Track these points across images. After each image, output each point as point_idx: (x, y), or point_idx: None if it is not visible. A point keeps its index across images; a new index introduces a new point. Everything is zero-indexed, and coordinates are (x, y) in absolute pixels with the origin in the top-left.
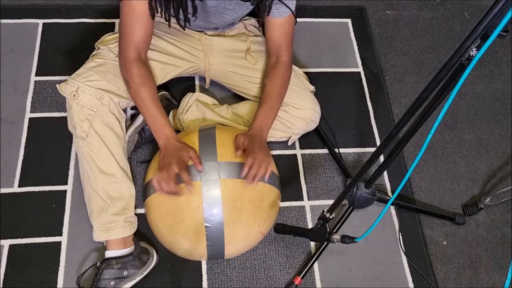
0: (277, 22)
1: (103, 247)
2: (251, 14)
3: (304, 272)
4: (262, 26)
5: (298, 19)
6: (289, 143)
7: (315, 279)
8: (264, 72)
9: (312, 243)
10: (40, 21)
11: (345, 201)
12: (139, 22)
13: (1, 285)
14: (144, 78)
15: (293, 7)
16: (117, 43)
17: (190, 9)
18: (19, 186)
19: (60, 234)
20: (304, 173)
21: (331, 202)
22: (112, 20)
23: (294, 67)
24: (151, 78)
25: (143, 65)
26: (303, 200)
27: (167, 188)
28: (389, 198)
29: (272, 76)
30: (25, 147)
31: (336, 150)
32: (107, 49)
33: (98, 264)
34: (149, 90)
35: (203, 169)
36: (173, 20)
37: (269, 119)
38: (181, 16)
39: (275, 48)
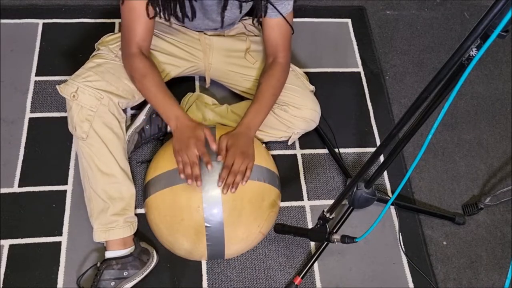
0: (274, 22)
1: (103, 247)
2: (250, 14)
3: (304, 272)
4: (261, 26)
5: (299, 19)
6: (289, 143)
7: (315, 279)
8: (261, 71)
9: (312, 243)
10: (40, 21)
11: (345, 201)
12: (139, 21)
13: (1, 285)
14: (147, 68)
15: (289, 8)
16: (117, 44)
17: (188, 9)
18: (19, 186)
19: (60, 234)
20: (304, 173)
21: (331, 202)
22: (112, 20)
23: (294, 66)
24: (154, 67)
25: (145, 58)
26: (303, 200)
27: (194, 173)
28: (389, 198)
29: (267, 76)
30: (25, 147)
31: (336, 150)
32: (106, 49)
33: (98, 265)
34: (153, 78)
35: (203, 169)
36: (172, 18)
37: (258, 117)
38: (179, 14)
39: (272, 49)
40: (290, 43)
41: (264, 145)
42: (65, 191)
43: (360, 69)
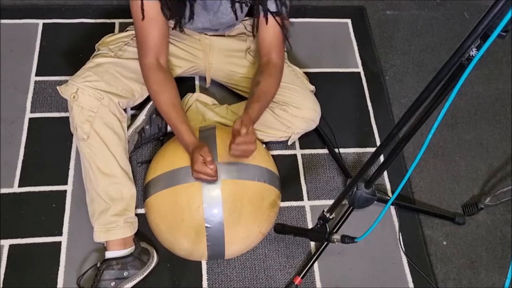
0: (269, 20)
1: (103, 247)
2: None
3: (304, 272)
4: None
5: (299, 19)
6: (289, 143)
7: (315, 279)
8: (256, 70)
9: (312, 243)
10: (40, 21)
11: (345, 201)
12: (153, 26)
13: (1, 285)
14: (161, 85)
15: (273, 8)
16: (118, 44)
17: (187, 13)
18: (19, 186)
19: (60, 234)
20: (304, 173)
21: (331, 202)
22: (112, 20)
23: (294, 66)
24: (169, 83)
25: (159, 72)
26: (303, 200)
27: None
28: (389, 198)
29: (266, 75)
30: (25, 147)
31: (336, 150)
32: (107, 49)
33: (98, 265)
34: (166, 97)
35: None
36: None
37: (258, 116)
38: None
39: (267, 49)
40: (284, 45)
41: (264, 145)
42: (65, 191)
43: (360, 69)
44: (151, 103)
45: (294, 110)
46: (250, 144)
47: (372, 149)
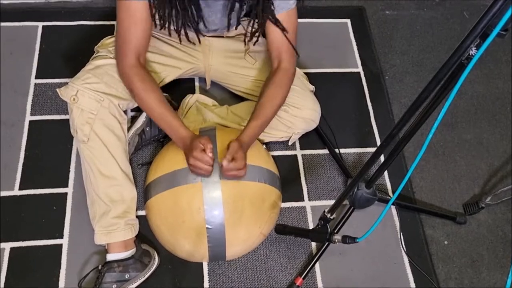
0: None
1: (104, 249)
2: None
3: (305, 272)
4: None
5: (298, 20)
6: (290, 143)
7: (316, 280)
8: (266, 78)
9: (313, 244)
10: (40, 24)
11: (346, 202)
12: (138, 26)
13: None
14: (146, 82)
15: (290, 4)
16: None
17: (194, 13)
18: (20, 189)
19: (61, 237)
20: (304, 174)
21: (332, 202)
22: (111, 23)
23: None
24: (152, 80)
25: (142, 69)
26: (303, 200)
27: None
28: (390, 198)
29: (272, 85)
30: (25, 150)
31: (337, 150)
32: (106, 51)
33: (99, 268)
34: (153, 93)
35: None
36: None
37: (259, 133)
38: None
39: (276, 52)
40: (293, 47)
41: (264, 146)
42: (66, 193)
43: (360, 69)
44: None
45: (294, 110)
46: (238, 171)
47: (372, 149)
